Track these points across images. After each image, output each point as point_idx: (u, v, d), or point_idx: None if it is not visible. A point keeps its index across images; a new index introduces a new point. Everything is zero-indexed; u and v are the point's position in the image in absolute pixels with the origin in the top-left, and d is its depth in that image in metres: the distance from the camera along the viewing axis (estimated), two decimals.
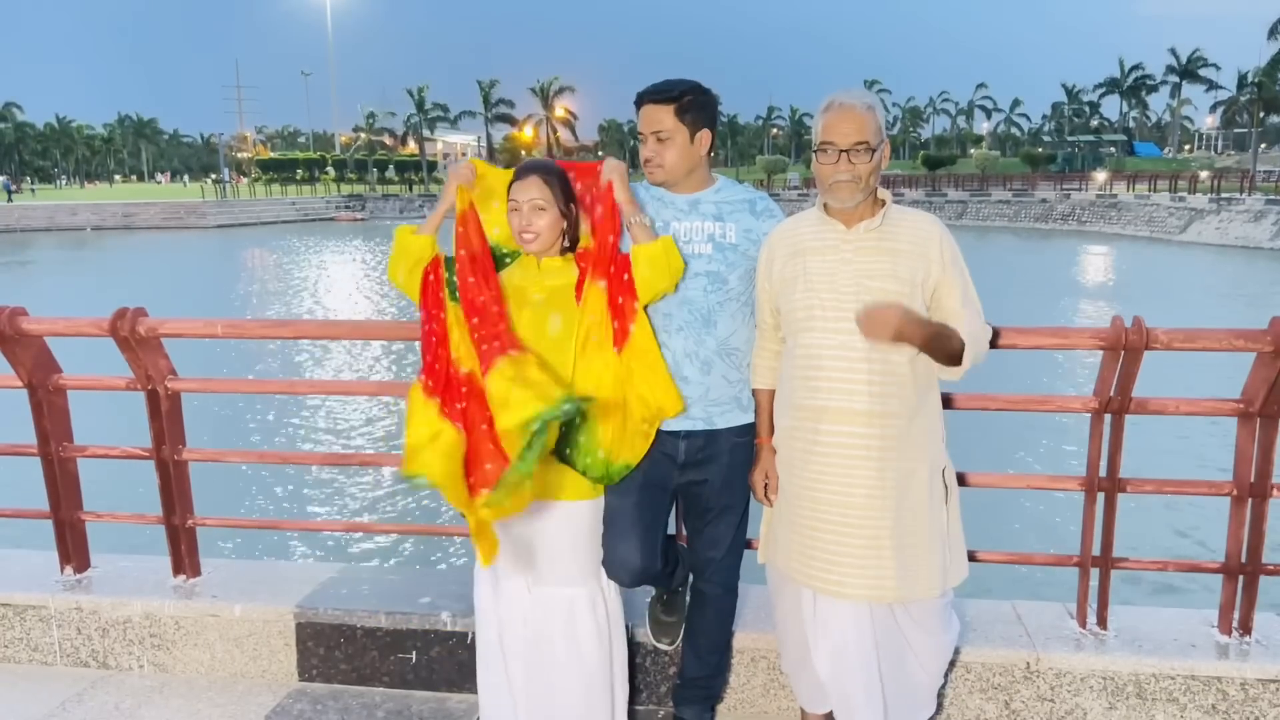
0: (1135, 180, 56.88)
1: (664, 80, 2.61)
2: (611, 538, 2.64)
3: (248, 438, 11.78)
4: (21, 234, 54.91)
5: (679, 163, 2.59)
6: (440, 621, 3.21)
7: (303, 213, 70.45)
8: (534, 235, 2.52)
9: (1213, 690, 2.88)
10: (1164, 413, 2.96)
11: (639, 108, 2.60)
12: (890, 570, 2.37)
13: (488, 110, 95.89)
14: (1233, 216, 41.18)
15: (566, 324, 2.53)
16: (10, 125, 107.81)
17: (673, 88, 2.56)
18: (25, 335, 3.28)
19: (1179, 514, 8.89)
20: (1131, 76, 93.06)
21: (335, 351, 17.71)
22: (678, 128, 2.56)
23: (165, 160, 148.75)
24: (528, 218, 2.52)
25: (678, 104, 2.55)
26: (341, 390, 8.79)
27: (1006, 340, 2.82)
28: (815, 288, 2.40)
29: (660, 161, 2.58)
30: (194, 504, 3.51)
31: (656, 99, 2.56)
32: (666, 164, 2.58)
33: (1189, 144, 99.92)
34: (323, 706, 3.16)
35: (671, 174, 2.60)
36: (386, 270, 2.70)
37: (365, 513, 9.51)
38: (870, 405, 2.35)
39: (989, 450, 10.02)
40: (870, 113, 2.33)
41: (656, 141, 2.57)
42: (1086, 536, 3.00)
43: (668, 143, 2.56)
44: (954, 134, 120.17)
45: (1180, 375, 12.56)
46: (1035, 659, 2.92)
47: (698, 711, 2.94)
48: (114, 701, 3.21)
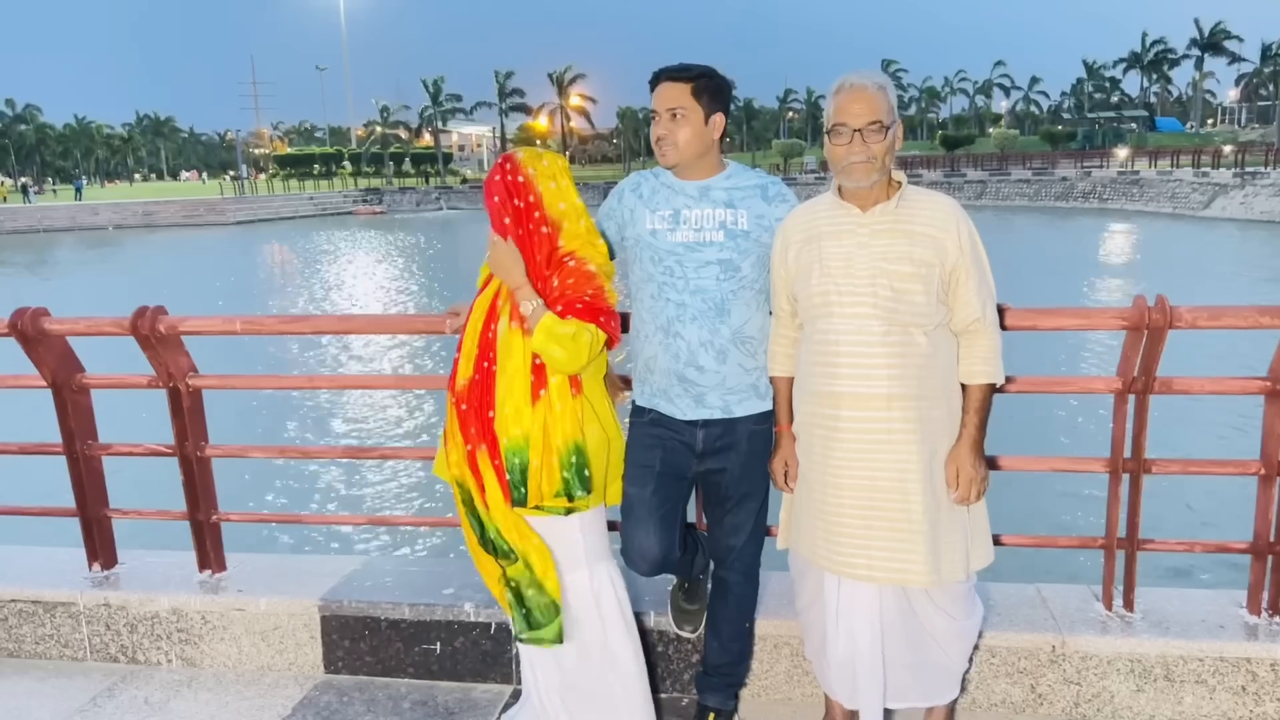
0: (1157, 156, 56.12)
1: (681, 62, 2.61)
2: (629, 527, 2.64)
3: (269, 433, 11.88)
4: (44, 234, 55.48)
5: (692, 142, 2.56)
6: (464, 612, 3.22)
7: (321, 207, 70.85)
8: (670, 145, 2.53)
9: (1242, 671, 2.85)
10: (1189, 392, 2.93)
11: (654, 86, 2.58)
12: (918, 554, 2.36)
13: (502, 101, 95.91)
14: (1257, 191, 40.60)
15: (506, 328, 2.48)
16: (31, 127, 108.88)
17: (689, 67, 2.56)
18: (48, 335, 3.32)
19: (1199, 495, 8.79)
20: (1153, 50, 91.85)
21: (354, 346, 17.78)
22: (693, 106, 2.54)
23: (184, 158, 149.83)
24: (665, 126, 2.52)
25: (694, 83, 2.53)
26: (361, 384, 8.79)
27: (1028, 321, 2.79)
28: (831, 273, 2.38)
29: (674, 140, 2.55)
30: (217, 499, 3.54)
31: (674, 76, 2.55)
32: (680, 142, 2.55)
33: (1212, 118, 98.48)
34: (349, 698, 3.19)
35: (684, 154, 2.57)
36: None
37: (387, 505, 9.57)
38: (890, 389, 2.33)
39: (1012, 432, 9.95)
40: (881, 92, 2.32)
41: (671, 119, 2.54)
42: (1112, 518, 2.97)
43: (681, 120, 2.54)
44: (972, 113, 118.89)
45: (1205, 353, 12.43)
46: (1061, 642, 2.90)
47: (721, 699, 2.94)
48: (143, 695, 3.25)
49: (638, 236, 2.64)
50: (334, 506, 9.57)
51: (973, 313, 2.38)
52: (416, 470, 10.26)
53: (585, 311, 2.43)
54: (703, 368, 2.57)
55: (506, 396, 2.45)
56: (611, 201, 2.76)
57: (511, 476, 2.45)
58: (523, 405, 2.44)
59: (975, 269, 2.37)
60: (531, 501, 2.47)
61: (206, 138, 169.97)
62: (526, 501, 2.47)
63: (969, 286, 2.36)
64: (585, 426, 2.51)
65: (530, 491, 2.46)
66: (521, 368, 2.44)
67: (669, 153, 2.58)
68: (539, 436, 2.45)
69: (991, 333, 2.42)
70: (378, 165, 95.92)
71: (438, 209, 72.73)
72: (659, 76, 2.58)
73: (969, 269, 2.36)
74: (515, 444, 2.44)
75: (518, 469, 2.44)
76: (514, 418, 2.44)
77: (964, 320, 2.39)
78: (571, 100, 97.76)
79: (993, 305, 2.43)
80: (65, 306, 3.45)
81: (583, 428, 2.50)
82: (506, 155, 2.53)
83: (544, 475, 2.46)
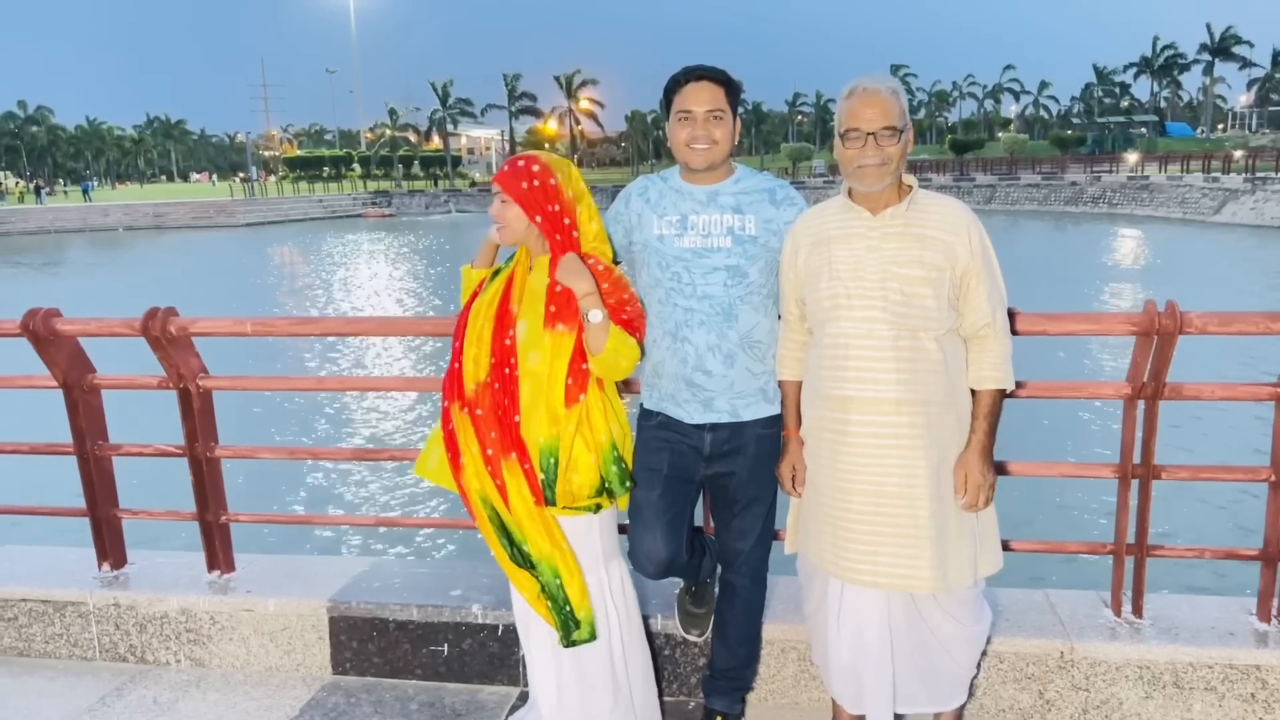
0: (1167, 161, 55.93)
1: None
2: (637, 530, 2.64)
3: (279, 434, 11.92)
4: (55, 235, 55.76)
5: (725, 144, 2.56)
6: (471, 614, 3.23)
7: (330, 210, 71.03)
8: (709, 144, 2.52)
9: (1251, 679, 2.83)
10: (1199, 398, 2.92)
11: (683, 85, 2.54)
12: (925, 560, 2.35)
13: (511, 104, 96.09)
14: (1268, 196, 40.36)
15: (531, 333, 2.48)
16: (43, 129, 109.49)
17: (721, 71, 2.55)
18: (59, 336, 3.34)
19: (1208, 501, 8.75)
20: (1163, 55, 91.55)
21: (363, 348, 17.83)
22: (728, 109, 2.54)
23: (194, 160, 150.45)
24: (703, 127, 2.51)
25: (728, 86, 2.54)
26: (370, 386, 8.81)
27: (1038, 326, 2.79)
28: (841, 276, 2.38)
29: (712, 140, 2.53)
30: (227, 500, 3.55)
31: (713, 77, 2.53)
32: (718, 143, 2.54)
33: (1223, 123, 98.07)
34: (356, 699, 3.19)
35: (720, 155, 2.56)
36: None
37: (396, 507, 9.59)
38: (899, 394, 2.33)
39: (1021, 437, 9.92)
40: (894, 96, 2.32)
41: (712, 120, 2.52)
42: (1121, 524, 2.96)
43: (722, 121, 2.53)
44: (981, 117, 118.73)
45: (1213, 358, 12.37)
46: (1069, 648, 2.89)
47: (728, 702, 2.94)
48: (152, 695, 3.26)
49: (645, 241, 2.64)
50: (343, 508, 9.59)
51: (983, 317, 2.37)
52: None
53: (628, 323, 2.51)
54: (710, 372, 2.57)
55: (535, 399, 2.46)
56: (619, 205, 2.76)
57: (546, 476, 2.46)
58: (557, 408, 2.45)
59: (986, 273, 2.37)
60: (561, 502, 2.48)
61: (217, 139, 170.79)
62: (557, 501, 2.48)
63: (979, 291, 2.36)
64: (611, 424, 2.56)
65: (560, 493, 2.47)
66: (557, 372, 2.45)
67: (709, 153, 2.55)
68: (574, 437, 2.47)
69: (1002, 338, 2.41)
70: (387, 168, 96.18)
71: (446, 212, 72.83)
72: (693, 75, 2.54)
73: (980, 273, 2.36)
74: (550, 444, 2.45)
75: (553, 469, 2.45)
76: (547, 419, 2.45)
77: (974, 325, 2.39)
78: (580, 104, 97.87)
79: (1003, 310, 2.43)
80: (76, 307, 3.46)
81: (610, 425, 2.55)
82: (531, 156, 2.53)
83: (581, 475, 2.48)
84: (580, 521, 2.56)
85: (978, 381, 2.42)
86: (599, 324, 2.44)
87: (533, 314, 2.48)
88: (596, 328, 2.44)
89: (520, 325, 2.49)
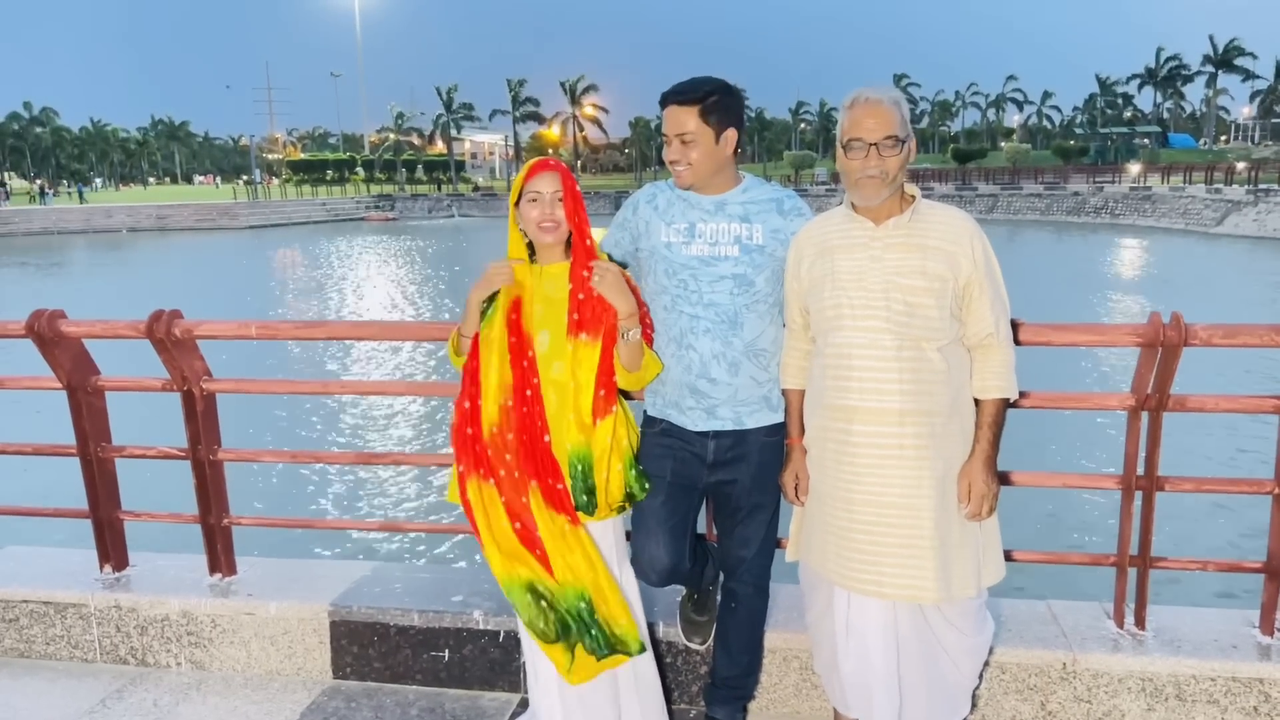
0: (1170, 172, 55.95)
1: (689, 79, 2.55)
2: (640, 537, 2.64)
3: (282, 437, 11.92)
4: (59, 236, 55.85)
5: (704, 164, 2.54)
6: (472, 620, 3.22)
7: (333, 213, 71.11)
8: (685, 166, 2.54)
9: (1254, 692, 2.83)
10: (1203, 410, 2.92)
11: (663, 108, 2.55)
12: (929, 570, 2.35)
13: (515, 109, 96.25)
14: (1271, 208, 40.38)
15: (555, 343, 2.49)
16: (48, 130, 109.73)
17: (697, 88, 2.50)
18: (64, 337, 3.34)
19: (1212, 514, 8.74)
20: (1166, 66, 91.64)
21: (367, 352, 17.84)
22: (702, 129, 2.50)
23: (198, 162, 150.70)
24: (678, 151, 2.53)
25: (702, 105, 2.49)
26: (374, 390, 8.85)
27: (1042, 337, 2.79)
28: (844, 286, 2.38)
29: (687, 163, 2.53)
30: (229, 503, 3.55)
31: (681, 100, 2.50)
32: (693, 165, 2.54)
33: (1225, 135, 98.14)
34: (357, 704, 3.19)
35: (698, 176, 2.56)
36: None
37: (398, 511, 9.58)
38: (902, 404, 2.33)
39: (1024, 448, 9.90)
40: (896, 107, 2.32)
41: (681, 144, 2.52)
42: (1124, 535, 2.95)
43: (692, 145, 2.51)
44: (984, 127, 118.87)
45: (1212, 372, 12.36)
46: (1072, 659, 2.89)
47: (730, 711, 2.93)
48: (152, 698, 3.26)
49: (652, 249, 2.65)
50: (345, 512, 9.58)
51: (986, 327, 2.38)
52: (428, 476, 10.28)
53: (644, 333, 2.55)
54: (715, 380, 2.57)
55: (562, 408, 2.47)
56: (626, 212, 2.76)
57: (574, 483, 2.46)
58: (585, 416, 2.46)
59: (989, 283, 2.37)
60: (601, 513, 2.51)
61: (221, 142, 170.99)
62: (596, 509, 2.49)
63: (983, 301, 2.36)
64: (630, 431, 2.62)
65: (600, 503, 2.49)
66: (584, 382, 2.46)
67: (683, 175, 2.57)
68: (606, 447, 2.48)
69: (1005, 348, 2.41)
70: (390, 172, 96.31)
71: (449, 216, 72.90)
72: (666, 99, 2.54)
73: (983, 283, 2.36)
74: (579, 450, 2.46)
75: (580, 476, 2.46)
76: (576, 427, 2.46)
77: (978, 335, 2.39)
78: (584, 109, 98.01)
79: (1006, 320, 2.43)
80: (80, 308, 3.47)
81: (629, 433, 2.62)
82: (558, 163, 2.56)
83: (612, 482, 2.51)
84: (598, 526, 2.57)
85: (982, 391, 2.42)
86: (636, 343, 2.48)
87: (554, 323, 2.49)
88: (634, 346, 2.47)
89: (541, 336, 2.49)
